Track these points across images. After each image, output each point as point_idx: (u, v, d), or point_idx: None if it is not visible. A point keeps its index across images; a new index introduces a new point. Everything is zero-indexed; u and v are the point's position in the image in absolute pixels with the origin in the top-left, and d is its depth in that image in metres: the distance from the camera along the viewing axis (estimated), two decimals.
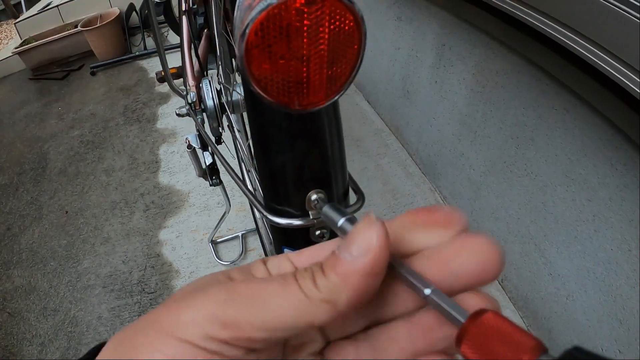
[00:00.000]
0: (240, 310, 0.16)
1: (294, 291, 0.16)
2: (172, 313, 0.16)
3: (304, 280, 0.16)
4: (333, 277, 0.16)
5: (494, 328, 0.14)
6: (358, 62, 0.19)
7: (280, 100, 0.19)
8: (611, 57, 0.60)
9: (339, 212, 0.21)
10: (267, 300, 0.16)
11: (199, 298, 0.16)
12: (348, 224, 0.20)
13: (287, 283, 0.16)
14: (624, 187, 0.68)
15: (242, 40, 0.17)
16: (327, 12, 0.17)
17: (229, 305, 0.16)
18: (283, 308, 0.16)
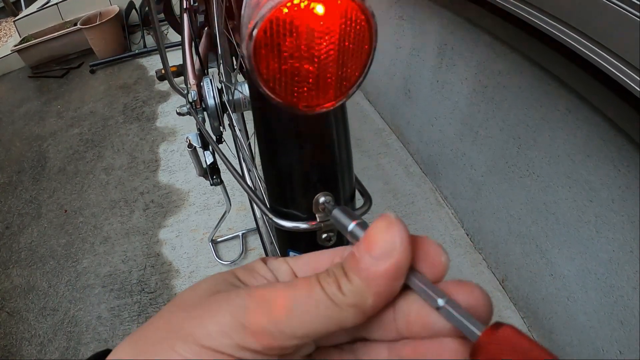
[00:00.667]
0: (269, 319, 0.16)
1: (322, 298, 0.16)
2: (196, 320, 0.16)
3: (329, 286, 0.16)
4: (357, 281, 0.16)
5: (511, 343, 0.14)
6: (368, 63, 0.19)
7: (289, 101, 0.19)
8: (614, 57, 0.60)
9: (349, 215, 0.21)
10: (296, 308, 0.16)
11: (221, 304, 0.16)
12: (358, 229, 0.20)
13: (313, 289, 0.16)
14: (625, 188, 0.68)
15: (250, 39, 0.16)
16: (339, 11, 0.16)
17: (256, 313, 0.16)
18: (312, 315, 0.16)
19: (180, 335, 0.16)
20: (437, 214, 1.30)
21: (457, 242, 1.22)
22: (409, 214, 1.31)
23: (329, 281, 0.16)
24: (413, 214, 1.31)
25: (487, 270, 1.15)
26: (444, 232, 1.25)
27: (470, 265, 1.16)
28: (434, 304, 0.16)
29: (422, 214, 1.31)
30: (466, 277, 1.13)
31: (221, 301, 0.16)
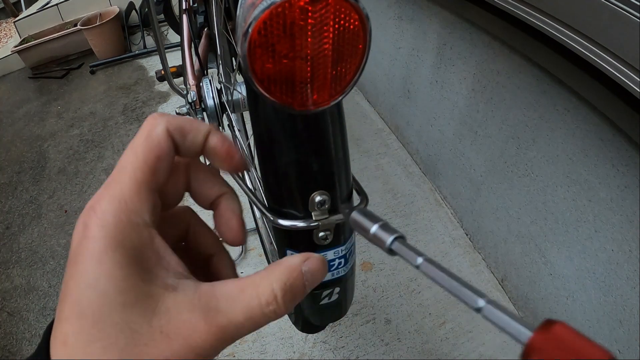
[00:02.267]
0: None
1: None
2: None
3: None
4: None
5: (565, 341, 0.13)
6: (363, 62, 0.19)
7: (284, 100, 0.19)
8: (612, 57, 0.60)
9: (370, 218, 0.20)
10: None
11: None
12: (382, 232, 0.20)
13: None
14: (624, 188, 0.68)
15: (245, 39, 0.16)
16: (332, 11, 0.16)
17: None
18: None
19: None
20: (436, 213, 1.30)
21: (457, 242, 1.22)
22: (408, 214, 1.31)
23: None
24: (412, 214, 1.31)
25: (487, 270, 1.15)
26: (443, 232, 1.25)
27: (469, 265, 1.16)
28: (474, 305, 0.16)
29: (421, 214, 1.31)
30: (466, 277, 1.13)
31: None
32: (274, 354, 1.02)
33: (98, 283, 0.17)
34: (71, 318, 0.17)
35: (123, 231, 0.18)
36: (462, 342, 1.01)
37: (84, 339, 0.16)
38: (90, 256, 0.17)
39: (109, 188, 0.19)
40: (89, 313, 0.16)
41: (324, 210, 0.24)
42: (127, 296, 0.17)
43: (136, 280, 0.17)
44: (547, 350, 0.13)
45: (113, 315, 0.17)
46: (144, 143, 0.20)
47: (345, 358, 1.00)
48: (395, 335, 1.03)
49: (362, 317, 1.07)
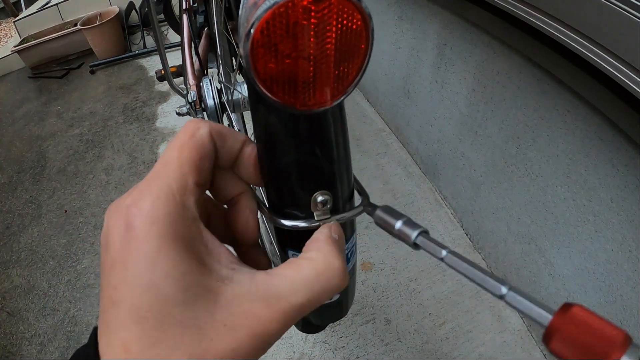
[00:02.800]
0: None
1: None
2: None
3: None
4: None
5: (584, 323, 0.14)
6: (365, 62, 0.19)
7: (286, 100, 0.19)
8: (612, 57, 0.60)
9: (394, 214, 0.21)
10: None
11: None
12: (406, 227, 0.21)
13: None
14: (624, 188, 0.68)
15: (248, 39, 0.16)
16: (335, 11, 0.16)
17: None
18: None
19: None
20: (436, 213, 1.31)
21: (457, 242, 1.22)
22: (408, 214, 1.30)
23: None
24: (412, 214, 1.31)
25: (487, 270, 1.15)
26: (444, 232, 1.25)
27: None
28: (497, 292, 0.16)
29: (421, 214, 1.31)
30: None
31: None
32: (274, 354, 1.02)
33: (156, 285, 0.16)
34: (129, 324, 0.16)
35: (175, 227, 0.17)
36: (462, 342, 1.01)
37: (147, 343, 0.16)
38: (144, 257, 0.16)
39: (153, 184, 0.18)
40: (150, 316, 0.16)
41: (326, 210, 0.24)
42: (187, 294, 0.17)
43: (193, 276, 0.17)
44: (567, 331, 0.14)
45: (175, 314, 0.16)
46: (189, 142, 0.20)
47: (345, 358, 1.00)
48: (395, 335, 1.03)
49: (362, 317, 1.08)
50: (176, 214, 0.17)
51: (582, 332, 0.14)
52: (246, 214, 0.24)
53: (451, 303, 1.08)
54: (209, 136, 0.20)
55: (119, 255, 0.17)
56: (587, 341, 0.14)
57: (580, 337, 0.14)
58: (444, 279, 1.13)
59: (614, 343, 0.13)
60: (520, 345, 0.99)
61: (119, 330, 0.16)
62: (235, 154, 0.22)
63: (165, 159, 0.19)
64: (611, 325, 0.14)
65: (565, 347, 0.14)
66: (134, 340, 0.16)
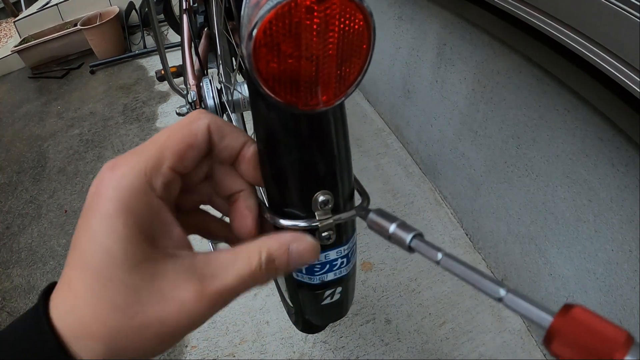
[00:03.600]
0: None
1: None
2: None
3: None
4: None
5: (584, 323, 0.14)
6: (367, 62, 0.19)
7: (289, 100, 0.19)
8: (612, 57, 0.60)
9: (388, 218, 0.22)
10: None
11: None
12: (400, 230, 0.21)
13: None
14: (624, 188, 0.68)
15: (250, 39, 0.16)
16: (337, 11, 0.16)
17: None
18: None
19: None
20: (436, 213, 1.31)
21: (457, 241, 1.22)
22: (408, 214, 1.31)
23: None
24: (412, 214, 1.31)
25: (487, 270, 1.15)
26: (443, 232, 1.25)
27: None
28: (495, 295, 0.16)
29: (421, 214, 1.31)
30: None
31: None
32: (274, 354, 1.02)
33: (104, 241, 0.18)
34: (77, 267, 0.19)
35: (135, 197, 0.19)
36: (462, 342, 1.01)
37: (86, 287, 0.18)
38: (101, 215, 0.19)
39: (134, 156, 0.20)
40: (93, 266, 0.18)
41: (327, 210, 0.24)
42: (130, 256, 0.18)
43: (140, 244, 0.18)
44: (568, 332, 0.14)
45: (115, 272, 0.18)
46: (184, 128, 0.21)
47: (345, 358, 1.00)
48: (395, 335, 1.03)
49: (362, 317, 1.08)
50: (139, 187, 0.19)
51: (583, 333, 0.14)
52: (244, 213, 0.24)
53: (451, 303, 1.08)
54: (206, 128, 0.21)
55: (87, 206, 0.20)
56: (589, 342, 0.13)
57: (582, 338, 0.14)
58: (444, 279, 1.13)
59: (616, 343, 0.13)
60: (520, 345, 0.99)
61: (69, 268, 0.19)
62: (236, 152, 0.23)
63: (155, 138, 0.21)
64: (613, 325, 0.14)
65: (567, 349, 0.14)
66: (76, 280, 0.18)
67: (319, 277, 0.29)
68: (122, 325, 0.17)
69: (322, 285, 0.31)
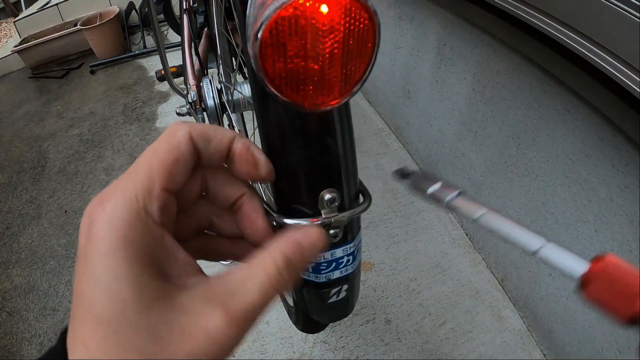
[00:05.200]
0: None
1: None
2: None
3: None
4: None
5: (616, 269, 0.15)
6: (372, 61, 0.19)
7: (295, 99, 0.19)
8: (612, 57, 0.60)
9: (429, 178, 0.22)
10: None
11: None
12: (441, 190, 0.21)
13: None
14: (624, 188, 0.68)
15: (256, 39, 0.17)
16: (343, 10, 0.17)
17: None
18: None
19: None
20: (436, 213, 1.31)
21: (457, 241, 1.22)
22: (408, 214, 1.31)
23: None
24: (412, 214, 1.31)
25: (487, 270, 1.15)
26: (444, 232, 1.25)
27: (469, 265, 1.16)
28: (535, 246, 0.17)
29: (421, 214, 1.31)
30: (465, 277, 1.13)
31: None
32: (274, 354, 1.02)
33: (110, 284, 0.17)
34: (87, 321, 0.17)
35: (133, 230, 0.17)
36: (462, 342, 1.01)
37: (103, 341, 0.16)
38: (99, 256, 0.17)
39: (120, 185, 0.18)
40: (104, 316, 0.16)
41: (333, 208, 0.25)
42: (141, 296, 0.17)
43: (148, 280, 0.17)
44: (601, 279, 0.15)
45: (129, 317, 0.16)
46: (164, 144, 0.20)
47: (345, 358, 1.00)
48: (395, 335, 1.03)
49: (362, 317, 1.08)
50: (135, 218, 0.18)
51: (614, 280, 0.15)
52: (252, 215, 0.23)
53: (451, 303, 1.08)
54: (187, 138, 0.20)
55: (82, 251, 0.18)
56: (617, 290, 0.14)
57: (616, 280, 0.14)
58: (444, 279, 1.13)
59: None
60: (520, 345, 0.99)
61: (79, 326, 0.17)
62: (224, 152, 0.22)
63: (138, 162, 0.19)
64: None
65: (602, 292, 0.15)
66: (91, 337, 0.16)
67: (325, 275, 0.29)
68: None
69: (328, 283, 0.31)
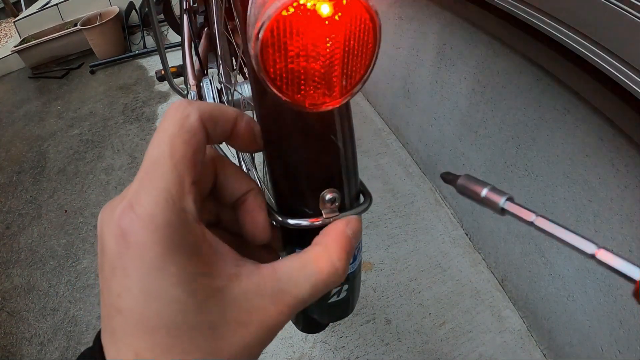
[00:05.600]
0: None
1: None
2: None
3: None
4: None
5: None
6: (373, 61, 0.19)
7: (296, 99, 0.19)
8: (612, 57, 0.60)
9: (479, 182, 0.22)
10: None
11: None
12: (493, 194, 0.22)
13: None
14: (624, 188, 0.68)
15: (257, 39, 0.17)
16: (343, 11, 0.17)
17: None
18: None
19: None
20: (436, 213, 1.31)
21: (457, 241, 1.22)
22: (408, 214, 1.31)
23: None
24: (412, 214, 1.31)
25: (487, 270, 1.15)
26: (444, 232, 1.25)
27: (469, 265, 1.16)
28: (589, 251, 0.18)
29: (421, 214, 1.31)
30: (465, 277, 1.13)
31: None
32: (274, 354, 1.02)
33: (164, 292, 0.16)
34: (139, 334, 0.16)
35: (177, 232, 0.17)
36: (462, 342, 1.01)
37: (160, 351, 0.16)
38: (148, 265, 0.16)
39: (148, 185, 0.17)
40: (161, 324, 0.16)
41: (334, 208, 0.25)
42: (197, 297, 0.17)
43: (201, 279, 0.17)
44: None
45: (187, 319, 0.16)
46: (180, 134, 0.18)
47: (345, 358, 1.00)
48: (395, 335, 1.03)
49: (362, 317, 1.08)
50: (177, 220, 0.17)
51: None
52: (255, 212, 0.24)
53: (451, 303, 1.08)
54: (200, 124, 0.19)
55: (119, 262, 0.16)
56: None
57: None
58: (444, 279, 1.14)
59: None
60: (520, 345, 0.99)
61: (128, 339, 0.16)
62: (228, 132, 0.22)
63: (156, 157, 0.18)
64: None
65: None
66: (146, 350, 0.16)
67: None
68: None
69: None
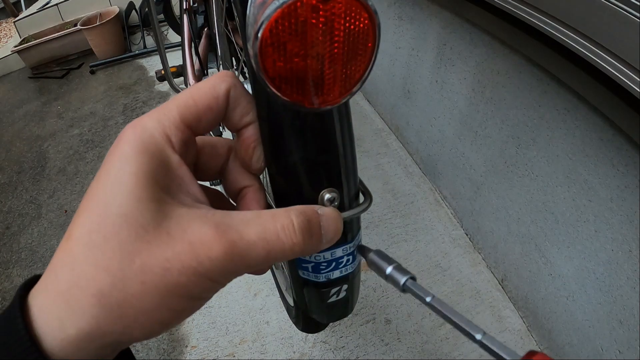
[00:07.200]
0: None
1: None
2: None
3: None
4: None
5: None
6: (372, 61, 0.19)
7: (295, 99, 0.19)
8: (612, 57, 0.60)
9: (385, 259, 0.24)
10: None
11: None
12: (396, 272, 0.23)
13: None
14: (624, 188, 0.68)
15: (257, 38, 0.17)
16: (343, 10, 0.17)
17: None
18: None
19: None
20: (436, 213, 1.31)
21: (457, 242, 1.22)
22: (408, 214, 1.31)
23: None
24: (412, 214, 1.31)
25: (487, 270, 1.15)
26: (443, 232, 1.25)
27: (469, 265, 1.16)
28: (475, 336, 0.19)
29: (421, 214, 1.31)
30: (465, 277, 1.13)
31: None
32: (274, 354, 1.02)
33: (121, 178, 0.17)
34: (87, 210, 0.17)
35: (153, 143, 0.19)
36: (462, 342, 1.01)
37: (87, 229, 0.17)
38: (119, 156, 0.18)
39: (156, 111, 0.20)
40: (102, 203, 0.17)
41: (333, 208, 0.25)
42: (143, 193, 0.17)
43: (155, 187, 0.18)
44: None
45: (123, 207, 0.17)
46: (204, 90, 0.21)
47: (345, 358, 1.00)
48: (395, 335, 1.03)
49: (362, 317, 1.08)
50: (158, 137, 0.19)
51: None
52: (253, 206, 0.24)
53: (451, 303, 1.08)
54: (225, 93, 0.21)
55: (108, 154, 0.19)
56: None
57: None
58: (444, 279, 1.14)
59: None
60: (520, 345, 0.99)
61: (78, 216, 0.18)
62: (239, 126, 0.23)
63: (178, 95, 0.21)
64: None
65: None
66: (78, 227, 0.17)
67: (325, 274, 0.29)
68: (122, 267, 0.16)
69: (328, 283, 0.31)
